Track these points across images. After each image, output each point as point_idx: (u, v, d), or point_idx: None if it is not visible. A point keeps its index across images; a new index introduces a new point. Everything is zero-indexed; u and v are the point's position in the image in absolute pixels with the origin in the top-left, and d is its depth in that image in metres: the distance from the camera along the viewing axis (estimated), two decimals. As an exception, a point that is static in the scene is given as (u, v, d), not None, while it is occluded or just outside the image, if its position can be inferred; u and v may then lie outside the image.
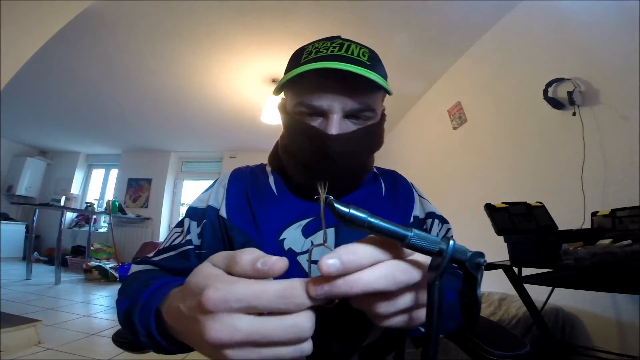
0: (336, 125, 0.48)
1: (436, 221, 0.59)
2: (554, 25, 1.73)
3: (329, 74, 0.45)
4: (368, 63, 0.48)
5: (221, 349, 0.23)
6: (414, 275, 0.25)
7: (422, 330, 0.36)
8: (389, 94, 0.51)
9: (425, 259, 0.26)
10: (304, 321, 0.23)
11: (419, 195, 0.63)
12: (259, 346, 0.23)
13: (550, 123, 1.71)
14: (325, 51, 0.48)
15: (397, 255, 0.25)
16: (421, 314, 0.29)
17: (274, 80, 2.92)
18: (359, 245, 0.24)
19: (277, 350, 0.23)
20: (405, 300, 0.27)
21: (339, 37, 0.52)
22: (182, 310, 0.25)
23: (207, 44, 2.46)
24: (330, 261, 0.22)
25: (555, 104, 1.64)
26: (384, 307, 0.26)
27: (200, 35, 2.36)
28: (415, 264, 0.25)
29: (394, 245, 0.25)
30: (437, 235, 0.25)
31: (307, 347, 0.24)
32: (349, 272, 0.23)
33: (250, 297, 0.22)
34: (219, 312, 0.22)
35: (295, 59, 0.51)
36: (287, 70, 0.52)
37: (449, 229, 0.60)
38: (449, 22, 2.13)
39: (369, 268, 0.24)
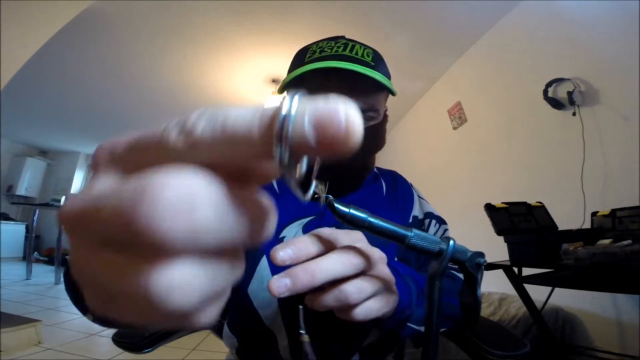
0: None
1: (433, 221, 0.60)
2: (554, 25, 1.73)
3: (333, 73, 0.45)
4: (372, 63, 0.48)
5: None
6: (364, 259, 0.27)
7: (413, 326, 0.36)
8: (393, 94, 0.51)
9: (368, 248, 0.29)
10: None
11: (418, 195, 0.63)
12: None
13: (550, 123, 1.71)
14: (329, 51, 0.48)
15: (340, 246, 0.28)
16: (390, 300, 0.30)
17: (274, 80, 2.92)
18: (305, 236, 0.27)
19: None
20: (368, 285, 0.28)
21: (343, 37, 0.52)
22: None
23: (207, 44, 2.46)
24: (282, 252, 0.24)
25: (555, 104, 1.63)
26: (353, 294, 0.27)
27: (200, 35, 2.36)
28: (361, 251, 0.28)
29: (332, 239, 0.27)
30: (434, 236, 0.25)
31: None
32: (301, 260, 0.25)
33: None
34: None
35: (299, 58, 0.51)
36: (290, 69, 0.52)
37: (446, 230, 0.61)
38: (449, 22, 2.13)
39: (322, 257, 0.26)
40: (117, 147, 0.13)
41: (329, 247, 0.27)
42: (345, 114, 0.10)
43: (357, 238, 0.29)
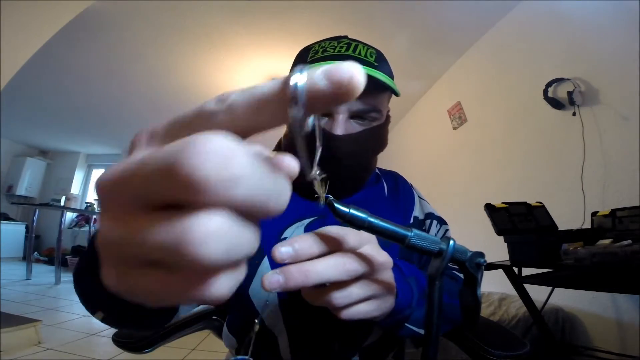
0: (342, 126, 0.47)
1: (434, 222, 0.60)
2: (554, 25, 1.73)
3: None
4: (375, 63, 0.48)
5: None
6: (363, 265, 0.27)
7: (412, 327, 0.36)
8: (397, 95, 0.50)
9: (374, 252, 0.28)
10: None
11: (418, 196, 0.64)
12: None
13: (550, 123, 1.71)
14: (332, 50, 0.48)
15: (345, 248, 0.27)
16: (383, 305, 0.31)
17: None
18: (309, 235, 0.27)
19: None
20: (359, 291, 0.28)
21: (345, 37, 0.52)
22: None
23: (207, 43, 2.46)
24: (283, 249, 0.25)
25: (555, 104, 1.63)
26: (339, 299, 0.28)
27: (200, 35, 2.36)
28: (363, 256, 0.28)
29: (338, 239, 0.27)
30: (435, 236, 0.25)
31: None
32: (300, 259, 0.25)
33: None
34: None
35: (301, 58, 0.51)
36: (292, 69, 0.52)
37: (447, 230, 0.61)
38: (449, 22, 2.12)
39: (319, 259, 0.26)
40: (156, 128, 0.16)
41: (334, 246, 0.27)
42: (347, 65, 0.13)
43: (366, 238, 0.29)
